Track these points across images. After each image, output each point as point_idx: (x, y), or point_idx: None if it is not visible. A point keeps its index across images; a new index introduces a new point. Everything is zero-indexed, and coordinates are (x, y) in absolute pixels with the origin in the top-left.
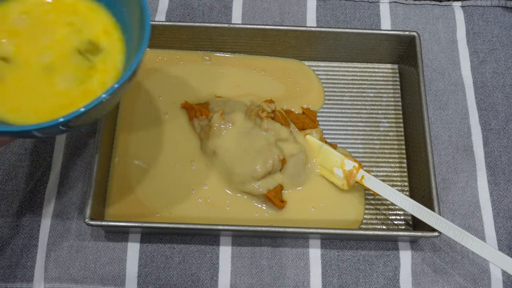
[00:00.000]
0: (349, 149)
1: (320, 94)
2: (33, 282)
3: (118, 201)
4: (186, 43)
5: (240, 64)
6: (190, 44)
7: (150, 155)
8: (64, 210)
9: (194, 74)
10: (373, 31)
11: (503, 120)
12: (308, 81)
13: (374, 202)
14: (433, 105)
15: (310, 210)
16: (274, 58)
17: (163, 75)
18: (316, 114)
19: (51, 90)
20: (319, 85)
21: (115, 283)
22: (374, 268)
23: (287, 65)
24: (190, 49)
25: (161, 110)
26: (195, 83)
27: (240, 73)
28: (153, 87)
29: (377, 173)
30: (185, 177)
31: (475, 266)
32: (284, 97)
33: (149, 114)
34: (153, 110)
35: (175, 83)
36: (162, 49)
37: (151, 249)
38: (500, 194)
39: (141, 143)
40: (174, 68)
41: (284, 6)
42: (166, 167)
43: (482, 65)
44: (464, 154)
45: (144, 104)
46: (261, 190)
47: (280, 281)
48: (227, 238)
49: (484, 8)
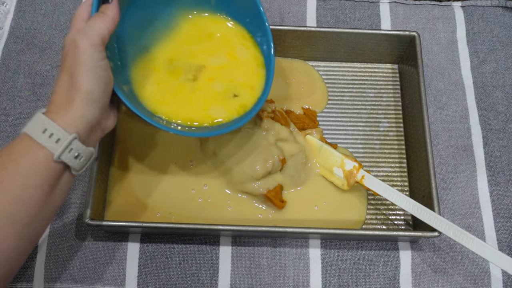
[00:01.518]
0: (349, 149)
1: (324, 95)
2: (33, 282)
3: (118, 201)
4: None
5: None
6: None
7: (150, 155)
8: (64, 210)
9: None
10: (373, 31)
11: (503, 120)
12: (312, 82)
13: (374, 202)
14: (433, 105)
15: (310, 210)
16: (279, 58)
17: None
18: (316, 114)
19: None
20: (323, 85)
21: (115, 283)
22: (374, 268)
23: (292, 65)
24: None
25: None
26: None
27: None
28: None
29: (377, 173)
30: (185, 177)
31: (475, 266)
32: (288, 98)
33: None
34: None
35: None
36: None
37: (151, 249)
38: (500, 194)
39: (141, 144)
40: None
41: (284, 6)
42: (166, 167)
43: (482, 65)
44: (464, 154)
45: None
46: (261, 190)
47: (280, 281)
48: (227, 238)
49: (484, 8)
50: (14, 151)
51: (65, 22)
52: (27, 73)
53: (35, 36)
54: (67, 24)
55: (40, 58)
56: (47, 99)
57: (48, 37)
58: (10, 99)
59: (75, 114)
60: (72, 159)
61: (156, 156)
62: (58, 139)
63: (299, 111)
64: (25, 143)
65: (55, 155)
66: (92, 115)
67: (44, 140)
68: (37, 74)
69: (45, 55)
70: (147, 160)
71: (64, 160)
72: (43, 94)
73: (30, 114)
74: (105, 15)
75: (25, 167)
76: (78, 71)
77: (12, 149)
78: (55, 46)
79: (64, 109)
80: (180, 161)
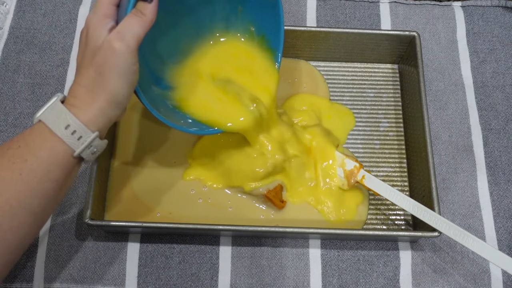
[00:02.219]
0: (349, 149)
1: (326, 95)
2: (33, 282)
3: (118, 201)
4: None
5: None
6: None
7: (151, 155)
8: (64, 210)
9: None
10: (373, 31)
11: (503, 120)
12: (314, 81)
13: (374, 202)
14: (433, 105)
15: (310, 210)
16: (292, 59)
17: None
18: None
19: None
20: (325, 85)
21: (115, 283)
22: (374, 268)
23: (294, 65)
24: None
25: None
26: None
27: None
28: None
29: (377, 173)
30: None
31: (475, 266)
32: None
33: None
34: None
35: None
36: None
37: (151, 249)
38: (500, 194)
39: (141, 144)
40: None
41: (284, 6)
42: (166, 167)
43: (482, 65)
44: (464, 154)
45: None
46: (261, 190)
47: (280, 281)
48: (227, 238)
49: (484, 8)
50: (33, 142)
51: (65, 22)
52: (27, 73)
53: (35, 36)
54: (67, 24)
55: (40, 58)
56: (47, 99)
57: (48, 37)
58: (10, 99)
59: (98, 112)
60: (89, 155)
61: (157, 156)
62: (80, 137)
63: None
64: (45, 134)
65: (76, 153)
66: (114, 115)
67: (66, 136)
68: (37, 74)
69: (45, 55)
70: (147, 160)
71: (83, 156)
72: (43, 94)
73: (30, 114)
74: (144, 16)
75: (45, 161)
76: (110, 73)
77: (31, 140)
78: (55, 46)
79: (87, 105)
80: (180, 161)
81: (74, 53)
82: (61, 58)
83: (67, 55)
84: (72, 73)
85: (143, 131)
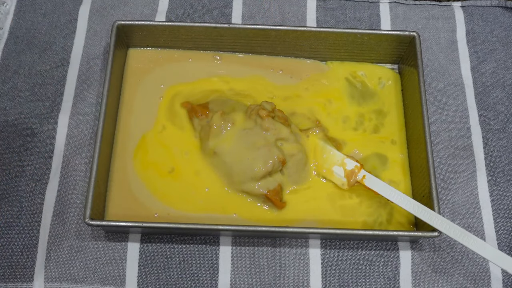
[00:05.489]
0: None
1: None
2: (33, 282)
3: (118, 201)
4: (186, 43)
5: (255, 64)
6: (190, 43)
7: (150, 155)
8: (64, 210)
9: (197, 74)
10: (373, 31)
11: (503, 120)
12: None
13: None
14: (433, 105)
15: (310, 210)
16: (282, 58)
17: (163, 75)
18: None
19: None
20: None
21: (115, 283)
22: (374, 268)
23: (306, 65)
24: (190, 49)
25: (161, 110)
26: (197, 82)
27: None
28: (152, 87)
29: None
30: (185, 177)
31: (475, 266)
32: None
33: (149, 115)
34: (153, 110)
35: (176, 83)
36: (162, 48)
37: (151, 249)
38: (500, 194)
39: (141, 143)
40: (176, 68)
41: (284, 6)
42: (166, 167)
43: (482, 65)
44: (464, 154)
45: (143, 105)
46: (261, 190)
47: (280, 281)
48: (227, 238)
49: (484, 8)
50: None
51: (65, 22)
52: (27, 73)
53: (35, 36)
54: (67, 24)
55: (40, 58)
56: (47, 99)
57: (48, 37)
58: (10, 99)
59: None
60: None
61: (156, 156)
62: None
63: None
64: None
65: None
66: None
67: None
68: (37, 74)
69: (45, 55)
70: (147, 160)
71: None
72: (43, 94)
73: (30, 114)
74: None
75: None
76: None
77: None
78: (55, 46)
79: None
80: (180, 161)
81: (74, 53)
82: (61, 58)
83: (67, 55)
84: (72, 73)
85: (143, 131)
